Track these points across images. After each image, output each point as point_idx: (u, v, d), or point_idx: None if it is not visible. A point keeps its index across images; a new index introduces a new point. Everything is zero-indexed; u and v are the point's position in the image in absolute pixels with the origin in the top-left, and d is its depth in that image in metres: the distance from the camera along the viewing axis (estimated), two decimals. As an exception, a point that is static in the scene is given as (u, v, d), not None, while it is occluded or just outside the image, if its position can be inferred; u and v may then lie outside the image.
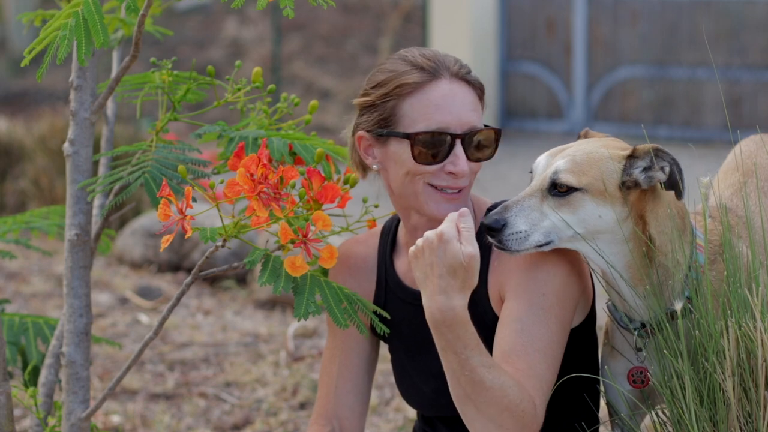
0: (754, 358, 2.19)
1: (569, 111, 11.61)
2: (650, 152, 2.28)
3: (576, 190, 2.27)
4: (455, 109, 2.43)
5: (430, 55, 2.47)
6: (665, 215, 2.32)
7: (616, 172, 2.29)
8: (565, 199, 2.28)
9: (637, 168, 2.29)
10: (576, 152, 2.31)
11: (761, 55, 11.10)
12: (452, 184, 2.45)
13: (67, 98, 2.80)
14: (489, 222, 2.29)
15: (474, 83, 2.48)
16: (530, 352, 2.32)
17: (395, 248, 2.64)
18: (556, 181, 2.28)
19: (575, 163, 2.29)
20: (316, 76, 13.23)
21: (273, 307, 5.69)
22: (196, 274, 2.48)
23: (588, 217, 2.28)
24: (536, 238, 2.28)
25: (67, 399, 2.65)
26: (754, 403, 2.20)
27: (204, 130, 2.60)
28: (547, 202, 2.29)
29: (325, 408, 2.66)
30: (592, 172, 2.28)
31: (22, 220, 3.05)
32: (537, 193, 2.30)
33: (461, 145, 2.43)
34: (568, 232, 2.29)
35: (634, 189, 2.29)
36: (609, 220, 2.28)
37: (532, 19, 11.64)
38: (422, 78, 2.44)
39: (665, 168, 2.28)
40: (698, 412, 2.21)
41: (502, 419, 2.24)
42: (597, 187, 2.27)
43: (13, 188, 7.61)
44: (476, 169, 2.47)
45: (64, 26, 2.40)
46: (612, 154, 2.30)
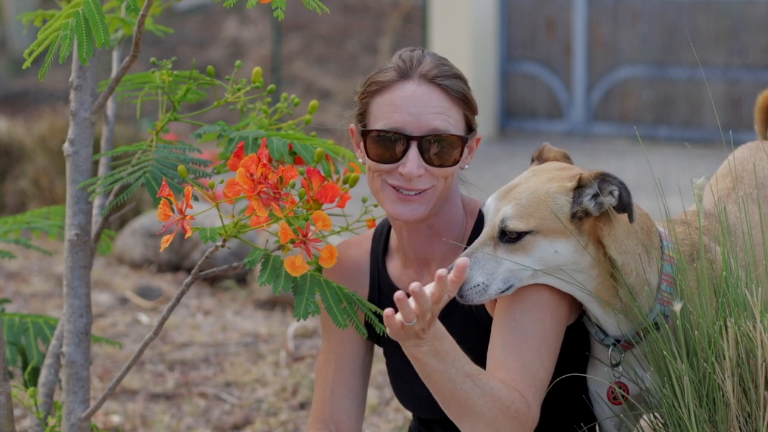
0: (753, 358, 2.19)
1: (569, 111, 11.61)
2: (596, 179, 2.26)
3: (526, 233, 2.25)
4: (415, 111, 2.42)
5: (408, 56, 2.47)
6: (625, 235, 2.30)
7: (566, 206, 2.26)
8: (517, 244, 2.25)
9: (586, 196, 2.26)
10: (521, 194, 2.28)
11: (761, 55, 11.10)
12: (405, 185, 2.43)
13: (67, 98, 2.79)
14: None
15: (448, 88, 2.44)
16: (523, 349, 2.32)
17: (387, 251, 2.65)
18: (505, 229, 2.26)
19: (521, 207, 2.26)
20: (316, 76, 13.24)
21: (273, 307, 5.69)
22: (196, 274, 2.48)
23: (544, 255, 2.26)
24: (496, 286, 2.27)
25: (67, 399, 2.65)
26: (753, 404, 2.20)
27: (204, 130, 2.60)
28: (500, 249, 2.27)
29: (322, 412, 2.66)
30: (540, 212, 2.25)
31: (23, 220, 3.05)
32: (489, 242, 2.28)
33: (417, 147, 2.41)
34: (527, 273, 2.28)
35: (586, 218, 2.27)
36: (566, 253, 2.26)
37: (532, 19, 11.64)
38: (391, 78, 2.45)
39: (614, 192, 2.25)
40: (697, 413, 2.21)
41: (497, 423, 2.24)
42: (547, 225, 2.25)
43: (13, 188, 7.61)
44: (442, 174, 2.44)
45: (65, 26, 2.40)
46: (559, 188, 2.27)
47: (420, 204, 2.45)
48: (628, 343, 2.35)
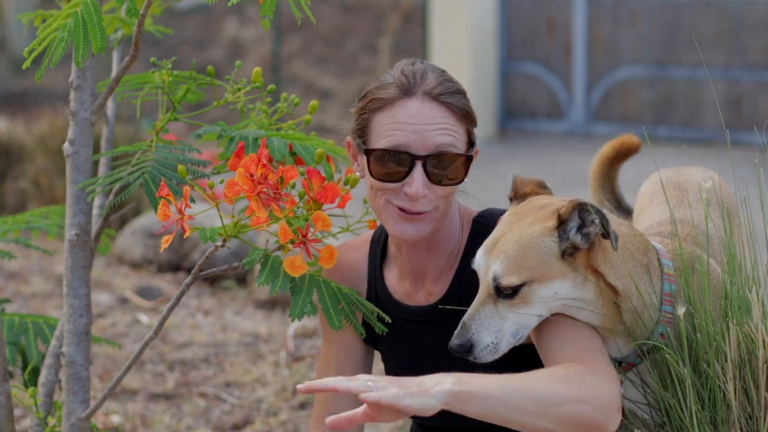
0: (755, 359, 2.19)
1: (569, 111, 11.61)
2: (575, 210, 2.21)
3: (521, 287, 2.22)
4: (419, 129, 2.37)
5: (410, 71, 2.42)
6: (622, 259, 2.27)
7: (553, 247, 2.22)
8: (516, 298, 2.22)
9: (571, 230, 2.22)
10: (507, 246, 2.23)
11: (761, 55, 11.09)
12: (410, 206, 2.39)
13: (67, 98, 2.79)
14: (456, 347, 2.23)
15: (452, 105, 2.39)
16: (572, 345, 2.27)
17: (385, 259, 2.62)
18: (500, 287, 2.22)
19: (510, 260, 2.22)
20: (316, 76, 13.23)
21: (273, 307, 5.69)
22: (196, 274, 2.48)
23: (545, 301, 2.23)
24: (506, 342, 2.24)
25: (67, 399, 2.65)
26: (755, 404, 2.20)
27: (204, 130, 2.60)
28: (501, 305, 2.23)
29: (323, 414, 2.65)
30: (529, 261, 2.22)
31: (22, 220, 3.05)
32: (488, 300, 2.24)
33: (422, 167, 2.37)
34: (534, 320, 2.25)
35: (577, 252, 2.23)
36: (565, 291, 2.23)
37: (532, 19, 11.64)
38: (394, 95, 2.40)
39: (595, 220, 2.21)
40: (700, 415, 2.21)
41: (574, 392, 2.15)
42: (540, 272, 2.22)
43: (13, 188, 7.61)
44: (443, 193, 2.40)
45: (63, 27, 2.40)
46: (542, 230, 2.23)
47: (424, 223, 2.42)
48: (629, 364, 2.33)
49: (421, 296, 2.54)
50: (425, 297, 2.53)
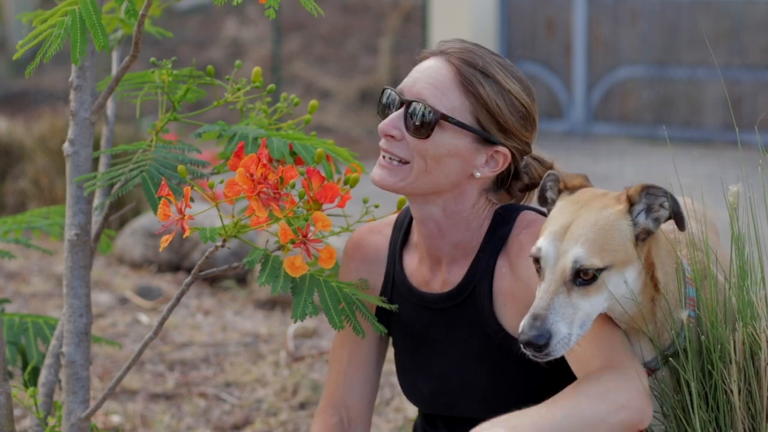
0: (758, 361, 2.19)
1: (569, 111, 11.61)
2: (642, 191, 2.18)
3: (602, 270, 2.15)
4: (416, 76, 2.43)
5: (451, 41, 2.48)
6: (666, 253, 2.24)
7: (629, 230, 2.18)
8: (593, 285, 2.15)
9: (640, 214, 2.19)
10: (586, 230, 2.16)
11: (761, 55, 11.10)
12: (384, 145, 2.44)
13: (67, 98, 2.78)
14: (532, 339, 2.13)
15: (462, 72, 2.39)
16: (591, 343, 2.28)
17: (406, 244, 2.62)
18: (581, 270, 2.14)
19: (592, 243, 2.15)
20: (316, 76, 13.23)
21: (273, 307, 5.69)
22: (196, 274, 2.48)
23: (615, 288, 2.17)
24: (576, 333, 2.16)
25: (67, 399, 2.65)
26: (758, 404, 2.20)
27: (204, 129, 2.60)
28: (574, 293, 2.15)
29: (334, 396, 2.66)
30: (611, 244, 2.16)
31: (22, 220, 3.05)
32: (562, 289, 2.16)
33: (404, 110, 2.41)
34: (599, 310, 2.19)
35: (648, 238, 2.19)
36: (632, 280, 2.18)
37: (532, 19, 11.64)
38: (427, 52, 2.49)
39: (665, 204, 2.17)
40: (704, 416, 2.21)
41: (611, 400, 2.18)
42: (620, 257, 2.16)
43: (13, 188, 7.61)
44: (417, 148, 2.40)
45: (60, 24, 2.38)
46: (617, 213, 2.18)
47: (393, 173, 2.43)
48: (650, 369, 2.30)
49: (436, 283, 2.54)
50: (440, 284, 2.53)
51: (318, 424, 2.67)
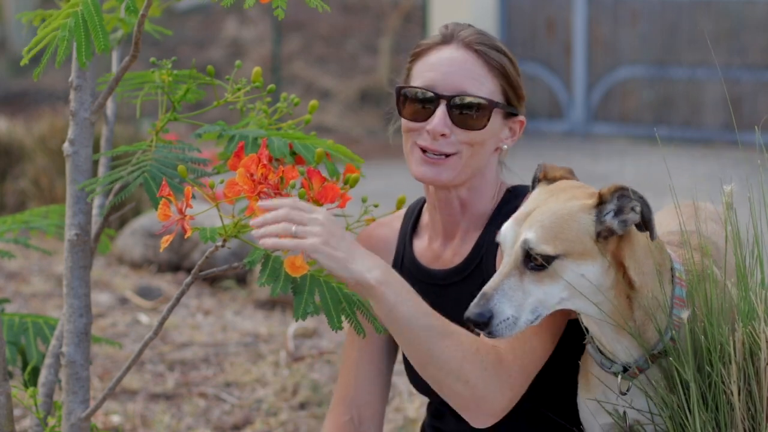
0: (758, 361, 2.19)
1: (569, 111, 11.61)
2: (616, 192, 2.15)
3: (554, 259, 2.13)
4: (448, 70, 2.45)
5: (453, 25, 2.53)
6: (644, 254, 2.22)
7: (590, 225, 2.16)
8: (544, 271, 2.13)
9: (609, 214, 2.16)
10: (543, 216, 2.16)
11: (761, 55, 11.10)
12: (431, 145, 2.44)
13: (67, 98, 2.78)
14: (473, 317, 2.13)
15: (486, 56, 2.47)
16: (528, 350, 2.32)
17: (417, 229, 2.66)
18: (531, 253, 2.14)
19: (546, 230, 2.14)
20: (316, 76, 13.24)
21: (273, 307, 5.69)
22: (196, 274, 2.48)
23: (572, 280, 2.15)
24: (525, 318, 2.14)
25: (67, 399, 2.65)
26: (758, 404, 2.20)
27: (204, 129, 2.60)
28: (526, 279, 2.15)
29: (345, 394, 2.66)
30: (566, 233, 2.14)
31: (21, 220, 3.05)
32: (514, 272, 2.15)
33: (445, 106, 2.43)
34: (555, 300, 2.17)
35: (611, 237, 2.17)
36: (592, 276, 2.16)
37: (532, 19, 11.65)
38: (434, 42, 2.51)
39: (636, 208, 2.15)
40: (704, 416, 2.21)
41: (463, 371, 2.23)
42: (574, 248, 2.15)
43: (13, 188, 7.61)
44: (468, 139, 2.44)
45: (63, 26, 2.39)
46: (581, 207, 2.17)
47: (444, 168, 2.46)
48: (638, 369, 2.28)
49: (447, 257, 2.58)
50: (451, 258, 2.57)
51: (329, 422, 2.67)
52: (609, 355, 2.29)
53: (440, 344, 2.23)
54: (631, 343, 2.26)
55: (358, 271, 2.19)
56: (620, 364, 2.29)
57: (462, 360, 2.23)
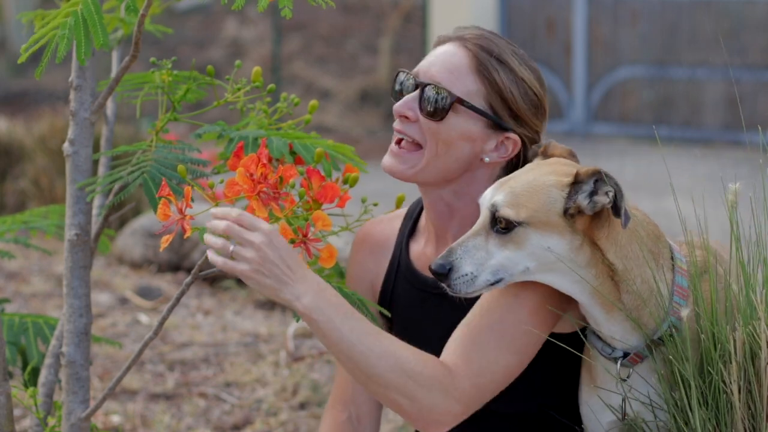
0: (758, 361, 2.19)
1: (569, 111, 11.61)
2: (593, 175, 2.19)
3: (518, 225, 2.19)
4: (432, 60, 2.46)
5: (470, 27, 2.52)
6: (627, 240, 2.23)
7: (559, 201, 2.20)
8: (508, 236, 2.19)
9: (582, 193, 2.19)
10: (516, 184, 2.22)
11: (761, 55, 11.10)
12: (398, 126, 2.46)
13: (67, 98, 2.79)
14: (434, 267, 2.20)
15: (476, 58, 2.43)
16: (482, 327, 2.30)
17: (415, 231, 2.65)
18: (496, 215, 2.20)
19: (514, 196, 2.20)
20: (316, 76, 13.24)
21: (273, 307, 5.69)
22: (196, 274, 2.48)
23: (536, 250, 2.20)
24: (484, 278, 2.20)
25: (67, 399, 2.65)
26: (757, 403, 2.20)
27: (204, 130, 2.60)
28: (491, 240, 2.21)
29: (343, 393, 2.66)
30: (532, 203, 2.19)
31: (21, 220, 3.05)
32: (482, 231, 2.21)
33: (418, 92, 2.43)
34: (519, 268, 2.21)
35: (580, 216, 2.20)
36: (559, 250, 2.20)
37: (532, 19, 11.65)
38: (443, 37, 2.52)
39: (609, 193, 2.18)
40: (703, 415, 2.21)
41: (409, 390, 2.22)
42: (538, 218, 2.19)
43: (13, 188, 7.61)
44: (430, 131, 2.43)
45: (63, 25, 2.39)
46: (555, 182, 2.21)
47: (405, 161, 2.46)
48: (638, 356, 2.29)
49: None
50: None
51: (327, 420, 2.67)
52: (607, 341, 2.30)
53: (380, 365, 2.21)
54: (624, 327, 2.26)
55: (287, 300, 2.19)
56: (620, 350, 2.29)
57: (405, 379, 2.22)
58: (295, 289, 2.19)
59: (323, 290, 2.21)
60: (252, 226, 2.18)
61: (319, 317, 2.19)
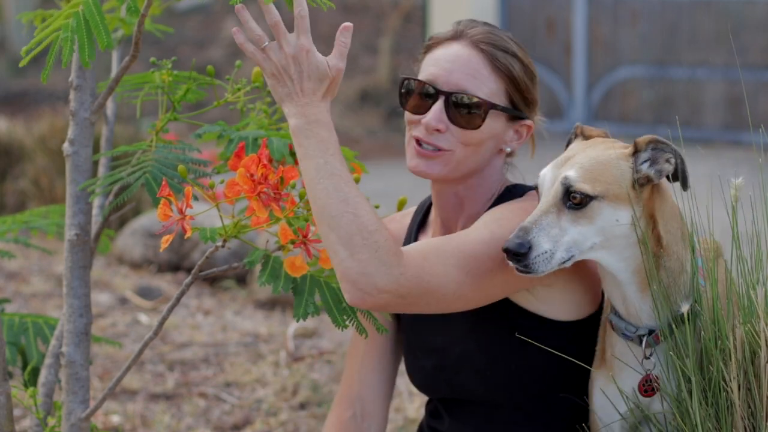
0: (758, 359, 2.19)
1: (569, 111, 11.61)
2: (650, 143, 2.26)
3: (592, 199, 2.22)
4: (450, 67, 2.45)
5: (467, 21, 2.53)
6: (670, 215, 2.29)
7: (628, 172, 2.25)
8: (581, 211, 2.21)
9: (645, 162, 2.25)
10: (583, 160, 2.26)
11: (761, 55, 11.10)
12: (425, 137, 2.44)
13: (67, 98, 2.79)
14: (513, 247, 2.19)
15: (492, 56, 2.46)
16: (451, 241, 2.30)
17: (424, 226, 2.66)
18: (570, 191, 2.22)
19: (586, 171, 2.23)
20: (316, 76, 13.21)
21: (273, 307, 5.69)
22: (196, 274, 2.48)
23: (606, 224, 2.23)
24: (560, 255, 2.21)
25: (66, 399, 2.65)
26: (758, 403, 2.20)
27: (204, 130, 2.60)
28: (564, 217, 2.22)
29: (350, 389, 2.66)
30: (605, 177, 2.23)
31: (22, 220, 3.05)
32: (552, 209, 2.23)
33: (443, 102, 2.43)
34: (588, 244, 2.24)
35: (646, 186, 2.26)
36: (626, 222, 2.23)
37: (532, 19, 11.65)
38: (445, 37, 2.52)
39: (670, 159, 2.25)
40: (703, 412, 2.21)
41: (353, 245, 2.20)
42: (612, 191, 2.23)
43: (13, 188, 7.61)
44: (462, 138, 2.44)
45: (65, 27, 2.39)
46: (620, 154, 2.26)
47: (436, 163, 2.45)
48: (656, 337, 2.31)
49: None
50: None
51: (332, 418, 2.68)
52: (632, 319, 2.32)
53: (338, 208, 2.21)
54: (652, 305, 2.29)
55: (285, 113, 2.27)
56: (645, 327, 2.31)
57: (356, 231, 2.20)
58: (294, 108, 2.25)
59: (317, 122, 2.24)
60: (293, 35, 2.27)
61: (303, 140, 2.24)
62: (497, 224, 2.33)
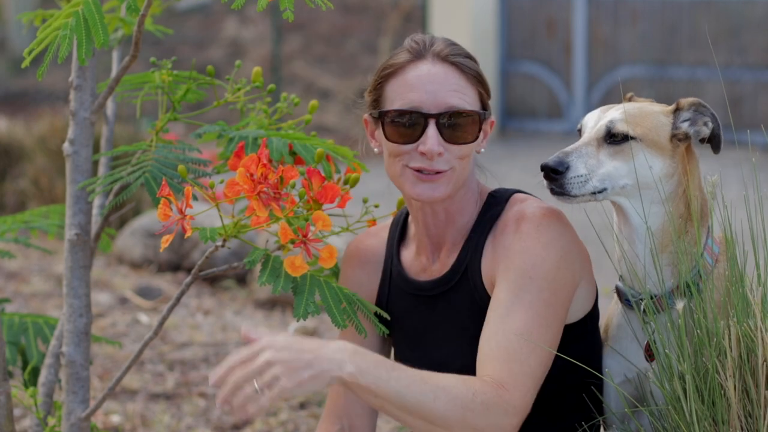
0: (754, 357, 2.19)
1: (569, 111, 11.61)
2: (693, 105, 2.38)
3: (631, 139, 2.34)
4: (431, 88, 2.41)
5: (420, 38, 2.47)
6: (698, 183, 2.40)
7: (667, 125, 2.37)
8: (620, 146, 2.34)
9: (685, 122, 2.38)
10: (629, 107, 2.39)
11: (761, 55, 11.10)
12: (427, 165, 2.41)
13: (67, 98, 2.79)
14: (552, 163, 2.31)
15: (462, 66, 2.44)
16: (510, 337, 2.31)
17: (404, 239, 2.64)
18: (612, 130, 2.34)
19: (629, 115, 2.36)
20: (316, 76, 13.23)
21: (273, 307, 5.69)
22: (196, 274, 2.48)
23: (640, 167, 2.33)
24: (594, 183, 2.33)
25: (66, 399, 2.65)
26: (755, 403, 2.20)
27: (204, 130, 2.60)
28: (603, 150, 2.35)
29: (335, 405, 2.65)
30: (646, 123, 2.36)
31: (22, 220, 3.05)
32: (593, 142, 2.36)
33: (435, 125, 2.40)
34: (621, 182, 2.34)
35: (683, 142, 2.37)
36: (658, 171, 2.35)
37: (532, 19, 11.64)
38: (405, 59, 2.44)
39: (708, 123, 2.38)
40: (699, 411, 2.21)
41: (468, 421, 2.21)
42: (650, 137, 2.35)
43: (13, 188, 7.61)
44: (459, 153, 2.43)
45: (65, 26, 2.40)
46: (662, 109, 2.40)
47: (440, 184, 2.43)
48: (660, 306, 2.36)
49: (435, 269, 2.56)
50: (439, 269, 2.55)
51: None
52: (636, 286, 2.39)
53: (436, 406, 2.18)
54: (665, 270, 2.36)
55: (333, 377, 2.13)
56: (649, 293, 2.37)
57: (463, 411, 2.20)
58: (332, 362, 2.13)
59: (355, 351, 2.16)
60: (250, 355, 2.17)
61: (367, 380, 2.14)
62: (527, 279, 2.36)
